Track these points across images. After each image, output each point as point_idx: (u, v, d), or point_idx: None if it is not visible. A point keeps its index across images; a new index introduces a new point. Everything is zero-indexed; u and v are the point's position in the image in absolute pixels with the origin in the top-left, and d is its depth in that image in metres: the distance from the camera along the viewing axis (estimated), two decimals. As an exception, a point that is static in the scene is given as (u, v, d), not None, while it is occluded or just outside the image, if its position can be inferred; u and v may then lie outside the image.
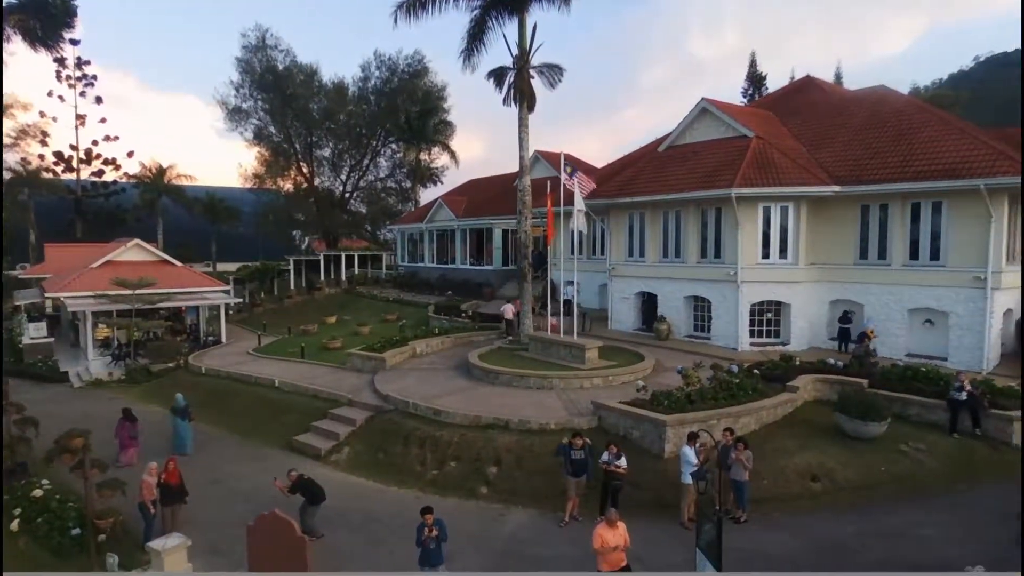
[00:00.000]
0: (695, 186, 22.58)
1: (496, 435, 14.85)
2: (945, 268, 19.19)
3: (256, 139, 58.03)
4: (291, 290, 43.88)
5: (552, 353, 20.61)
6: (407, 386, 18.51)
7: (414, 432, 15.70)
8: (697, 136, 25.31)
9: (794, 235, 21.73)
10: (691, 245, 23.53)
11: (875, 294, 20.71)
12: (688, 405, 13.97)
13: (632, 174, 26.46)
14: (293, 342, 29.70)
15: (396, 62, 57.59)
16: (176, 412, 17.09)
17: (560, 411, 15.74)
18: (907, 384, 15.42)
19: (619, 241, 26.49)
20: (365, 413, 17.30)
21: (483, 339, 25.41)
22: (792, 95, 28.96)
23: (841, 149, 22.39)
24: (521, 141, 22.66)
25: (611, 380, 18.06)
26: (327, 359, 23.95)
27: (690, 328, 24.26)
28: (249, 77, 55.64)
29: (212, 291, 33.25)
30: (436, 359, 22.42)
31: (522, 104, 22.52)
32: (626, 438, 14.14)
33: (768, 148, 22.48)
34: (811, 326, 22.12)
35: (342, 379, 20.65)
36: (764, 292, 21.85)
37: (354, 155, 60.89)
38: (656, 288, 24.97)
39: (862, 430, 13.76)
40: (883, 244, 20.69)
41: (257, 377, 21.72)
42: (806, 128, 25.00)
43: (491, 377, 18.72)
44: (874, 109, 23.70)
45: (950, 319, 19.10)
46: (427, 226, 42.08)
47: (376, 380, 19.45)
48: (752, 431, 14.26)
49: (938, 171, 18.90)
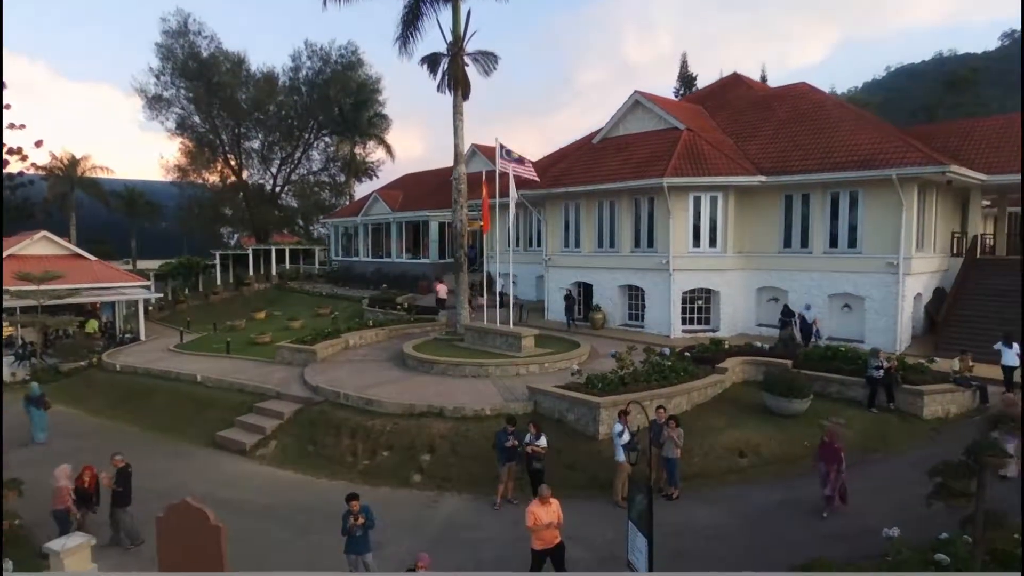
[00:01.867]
0: (628, 176, 22.89)
1: (430, 423, 14.54)
2: (861, 255, 20.16)
3: (179, 130, 55.40)
4: (217, 286, 41.97)
5: (488, 342, 20.44)
6: (339, 377, 17.92)
7: (345, 423, 15.19)
8: (630, 128, 25.70)
9: (723, 225, 22.35)
10: (625, 235, 23.85)
11: (798, 280, 21.54)
12: (621, 387, 14.07)
13: (567, 165, 26.61)
14: (219, 338, 28.37)
15: (329, 53, 56.18)
16: (30, 401, 16.84)
17: (496, 397, 15.58)
18: (828, 364, 16.06)
19: (555, 232, 26.59)
20: (294, 406, 16.63)
21: (419, 331, 24.97)
22: (720, 91, 29.85)
23: (766, 142, 23.20)
24: (456, 129, 22.37)
25: (547, 367, 18.04)
26: (255, 354, 22.94)
27: (625, 317, 24.60)
28: (171, 64, 52.98)
29: (129, 287, 31.37)
30: (370, 351, 21.85)
31: (457, 91, 22.24)
32: (561, 421, 14.12)
33: (698, 140, 23.04)
34: (740, 312, 22.81)
35: (270, 373, 19.82)
36: (695, 280, 22.39)
37: (285, 148, 58.98)
38: (591, 278, 25.20)
39: (786, 407, 14.23)
40: (805, 233, 21.56)
41: (178, 373, 20.55)
42: (733, 122, 25.79)
43: (426, 367, 18.37)
44: (796, 104, 24.70)
45: (866, 303, 20.08)
46: (362, 220, 41.14)
47: (306, 373, 18.75)
48: (684, 411, 14.49)
49: (855, 162, 19.84)
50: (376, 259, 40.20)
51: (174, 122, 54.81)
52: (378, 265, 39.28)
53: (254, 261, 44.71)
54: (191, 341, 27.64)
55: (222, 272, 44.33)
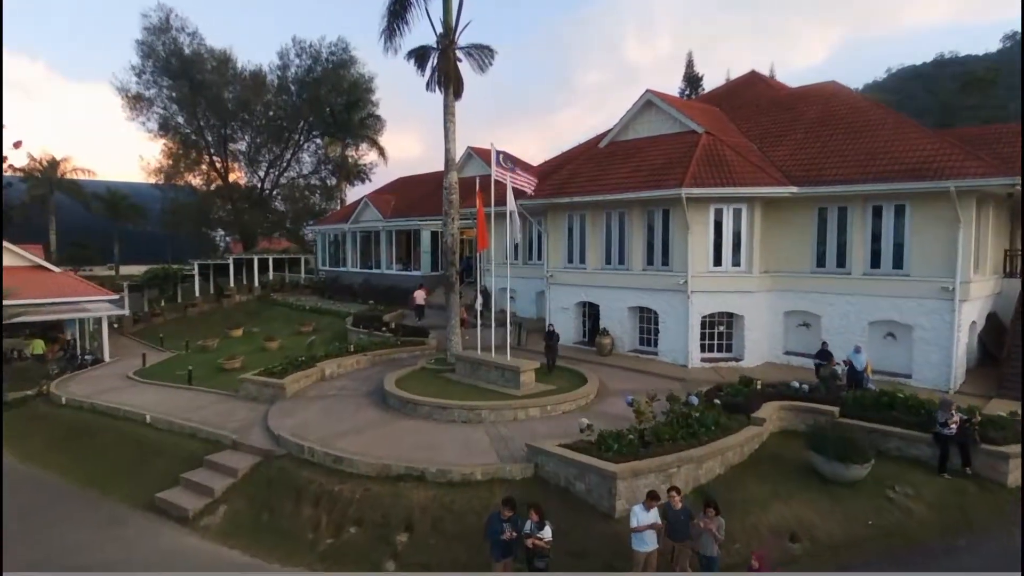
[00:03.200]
0: (640, 185, 20.36)
1: (409, 489, 11.98)
2: (909, 277, 17.63)
3: (162, 130, 52.75)
4: (196, 298, 39.35)
5: (481, 375, 17.91)
6: (306, 422, 15.36)
7: (308, 486, 12.64)
8: (641, 132, 23.16)
9: (747, 240, 19.81)
10: (636, 251, 21.31)
11: (834, 305, 19.01)
12: (642, 448, 11.52)
13: (571, 172, 24.07)
14: (188, 360, 25.87)
15: (319, 50, 53.53)
16: None
17: (489, 453, 13.03)
18: (883, 413, 13.52)
19: (557, 245, 24.05)
20: (251, 459, 14.07)
21: (407, 355, 22.44)
22: (737, 90, 27.34)
23: (795, 147, 20.68)
24: (447, 131, 19.83)
25: (549, 410, 15.51)
26: (221, 384, 20.37)
27: (635, 342, 22.06)
28: (152, 62, 50.37)
29: (92, 301, 28.73)
30: (348, 382, 19.28)
31: (448, 89, 19.69)
32: (568, 491, 11.56)
33: (719, 145, 20.51)
34: (765, 339, 20.28)
35: (231, 411, 17.25)
36: (716, 303, 19.84)
37: (273, 149, 56.36)
38: (598, 298, 22.65)
39: (842, 474, 11.69)
40: (842, 251, 19.03)
41: (127, 410, 17.95)
42: (755, 125, 23.27)
43: (409, 408, 15.82)
44: (826, 105, 22.18)
45: (914, 333, 17.55)
46: (350, 227, 38.56)
47: (271, 413, 16.20)
48: (717, 476, 11.99)
49: (902, 171, 17.30)
50: (365, 270, 37.62)
51: (156, 122, 52.32)
52: (367, 276, 36.70)
53: (235, 271, 42.02)
54: (155, 364, 25.10)
55: (203, 282, 41.72)
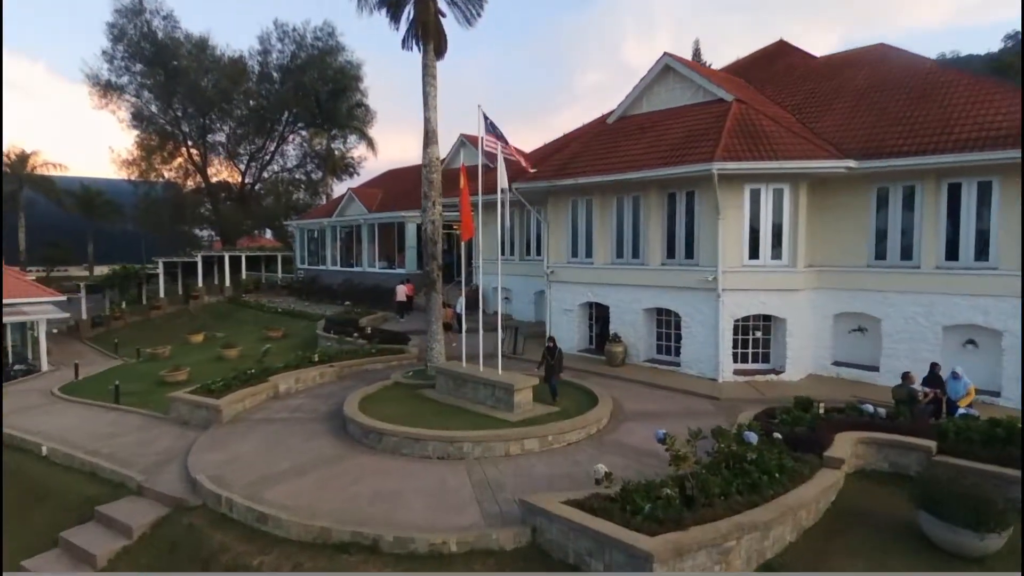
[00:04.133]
0: (659, 162, 16.93)
1: (356, 564, 8.53)
2: (997, 271, 14.19)
3: (136, 121, 49.34)
4: (160, 299, 35.85)
5: (467, 394, 14.46)
6: (238, 457, 11.91)
7: (218, 555, 9.17)
8: (658, 103, 19.75)
9: (790, 228, 16.39)
10: (654, 242, 17.89)
11: (896, 306, 15.58)
12: (685, 510, 8.07)
13: (575, 151, 20.65)
14: (134, 370, 22.48)
15: (303, 35, 50.20)
16: None
17: (469, 507, 9.58)
18: (998, 450, 10.07)
19: (559, 237, 20.62)
20: (155, 512, 10.58)
21: (381, 367, 18.99)
22: (764, 61, 23.87)
23: (844, 117, 17.27)
24: (426, 97, 16.39)
25: (551, 441, 12.05)
26: (156, 401, 16.83)
27: (652, 350, 18.63)
28: (123, 46, 46.97)
29: (31, 303, 25.26)
30: (306, 401, 15.82)
31: (427, 44, 16.26)
32: (579, 569, 8.11)
33: (754, 114, 17.09)
34: (810, 347, 16.86)
35: (152, 440, 13.78)
36: (752, 303, 16.40)
37: (255, 141, 52.94)
38: (608, 298, 19.20)
39: (971, 545, 8.22)
40: (908, 239, 15.60)
41: (22, 438, 14.42)
42: (790, 95, 19.90)
43: (372, 439, 12.36)
44: (877, 69, 18.78)
45: (1004, 340, 14.10)
46: (329, 222, 35.08)
47: (197, 445, 12.74)
48: (788, 544, 8.54)
49: (989, 139, 13.87)
50: (346, 268, 34.17)
51: (128, 112, 48.89)
52: (348, 276, 33.23)
53: (206, 270, 38.47)
54: (93, 376, 21.60)
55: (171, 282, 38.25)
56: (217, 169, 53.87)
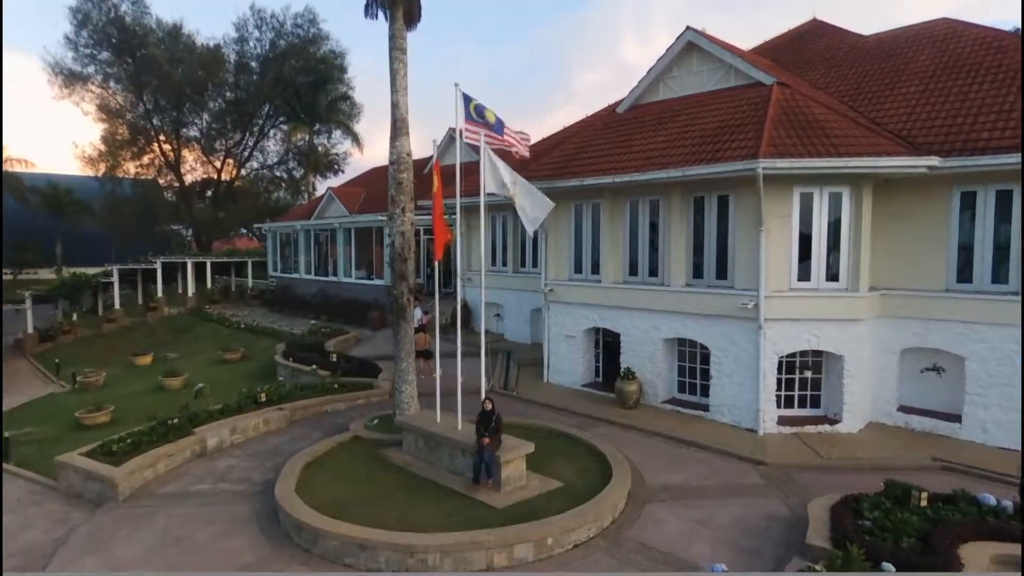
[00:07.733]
0: (685, 159, 13.62)
1: None
2: None
3: (102, 113, 45.83)
4: (115, 310, 32.39)
5: (442, 459, 11.15)
6: (123, 563, 8.58)
7: None
8: (678, 89, 16.46)
9: (851, 242, 13.08)
10: (677, 257, 14.56)
11: (986, 342, 12.29)
12: None
13: (579, 145, 17.35)
14: (59, 404, 19.15)
15: (282, 22, 46.73)
16: None
17: None
18: None
19: (560, 248, 17.29)
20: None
21: (344, 407, 15.71)
22: (799, 42, 20.51)
23: (914, 103, 13.99)
24: (394, 76, 13.00)
25: (551, 545, 8.72)
26: (69, 448, 13.42)
27: (673, 388, 15.34)
28: (87, 32, 43.45)
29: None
30: (238, 463, 12.45)
31: (394, 10, 12.89)
32: None
33: (803, 100, 13.78)
34: (871, 389, 13.57)
35: (22, 527, 10.38)
36: (802, 336, 13.09)
37: (233, 136, 49.47)
38: (619, 323, 15.87)
39: None
40: (1002, 257, 12.33)
41: None
42: (837, 79, 16.62)
43: (307, 540, 9.01)
44: (945, 46, 15.47)
45: None
46: (303, 225, 31.67)
47: (69, 545, 9.39)
48: None
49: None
50: (320, 277, 30.75)
51: (93, 104, 45.35)
52: (323, 286, 29.84)
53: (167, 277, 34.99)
54: (5, 412, 18.21)
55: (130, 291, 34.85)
56: (192, 166, 50.40)
